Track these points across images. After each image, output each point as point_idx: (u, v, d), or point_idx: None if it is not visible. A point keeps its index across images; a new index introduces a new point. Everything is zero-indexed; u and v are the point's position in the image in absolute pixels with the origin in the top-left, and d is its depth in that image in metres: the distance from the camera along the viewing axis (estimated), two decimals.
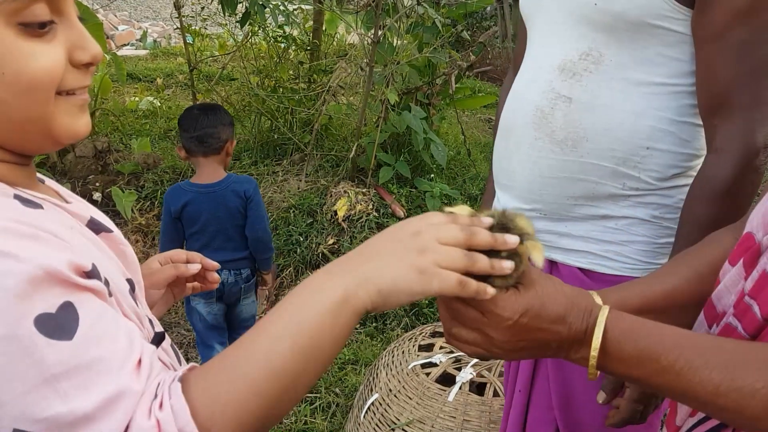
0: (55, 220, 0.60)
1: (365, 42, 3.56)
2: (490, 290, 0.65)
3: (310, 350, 0.60)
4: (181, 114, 2.35)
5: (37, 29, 0.58)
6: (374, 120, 3.81)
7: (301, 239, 3.39)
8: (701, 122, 1.08)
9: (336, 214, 3.43)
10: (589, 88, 1.11)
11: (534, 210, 1.20)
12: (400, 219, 3.46)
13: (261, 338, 0.60)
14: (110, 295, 0.61)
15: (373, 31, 3.36)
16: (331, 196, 3.55)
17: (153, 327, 0.73)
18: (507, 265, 0.65)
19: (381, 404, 2.05)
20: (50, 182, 0.73)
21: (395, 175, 3.68)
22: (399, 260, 0.63)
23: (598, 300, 0.72)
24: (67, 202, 0.70)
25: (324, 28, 4.55)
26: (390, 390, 2.06)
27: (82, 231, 0.65)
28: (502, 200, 1.29)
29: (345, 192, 3.51)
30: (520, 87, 1.24)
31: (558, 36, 1.16)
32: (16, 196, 0.59)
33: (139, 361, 0.57)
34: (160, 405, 0.55)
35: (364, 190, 3.55)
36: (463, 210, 0.70)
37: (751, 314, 0.69)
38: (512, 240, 0.65)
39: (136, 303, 0.69)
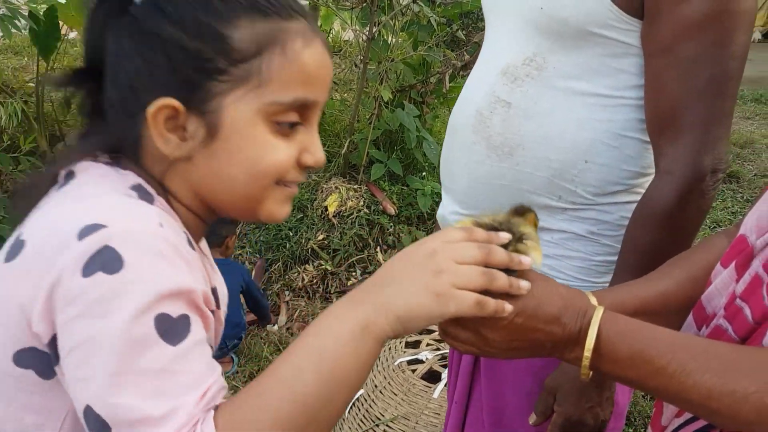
0: (202, 268, 0.69)
1: (360, 39, 3.55)
2: (508, 307, 0.64)
3: (332, 378, 0.60)
4: None
5: (287, 128, 0.68)
6: (367, 117, 3.80)
7: (291, 234, 3.37)
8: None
9: (326, 209, 3.42)
10: (529, 94, 1.06)
11: (471, 216, 1.16)
12: (390, 216, 3.45)
13: (284, 367, 0.61)
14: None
15: (368, 28, 3.35)
16: (322, 191, 3.54)
17: None
18: (524, 285, 0.65)
19: (366, 400, 2.04)
20: (203, 245, 0.80)
21: (387, 172, 3.67)
22: (414, 284, 0.63)
23: (594, 301, 0.72)
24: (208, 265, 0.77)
25: (319, 24, 4.54)
26: (375, 386, 2.06)
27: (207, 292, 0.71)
28: (445, 203, 1.24)
29: (336, 188, 3.50)
30: (467, 88, 1.19)
31: (507, 38, 1.11)
32: (186, 238, 0.67)
33: (206, 390, 0.59)
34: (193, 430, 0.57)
35: (355, 187, 3.54)
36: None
37: (742, 317, 0.70)
38: (526, 261, 0.66)
39: None
